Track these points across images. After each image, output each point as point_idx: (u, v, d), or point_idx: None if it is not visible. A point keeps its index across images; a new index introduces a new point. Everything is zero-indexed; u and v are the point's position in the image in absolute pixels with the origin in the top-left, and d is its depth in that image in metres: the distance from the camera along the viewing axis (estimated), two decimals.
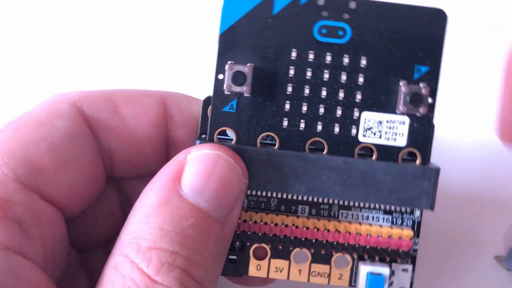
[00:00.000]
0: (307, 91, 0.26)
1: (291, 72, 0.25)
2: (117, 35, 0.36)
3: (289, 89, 0.25)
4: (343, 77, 0.25)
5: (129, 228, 0.22)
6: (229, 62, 0.25)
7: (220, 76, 0.25)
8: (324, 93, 0.26)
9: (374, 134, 0.26)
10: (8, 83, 0.36)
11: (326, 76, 0.25)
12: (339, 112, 0.26)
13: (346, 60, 0.25)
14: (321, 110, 0.26)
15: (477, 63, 0.36)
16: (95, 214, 0.27)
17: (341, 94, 0.26)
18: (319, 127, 0.26)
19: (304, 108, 0.26)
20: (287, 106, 0.26)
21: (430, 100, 0.25)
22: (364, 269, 0.26)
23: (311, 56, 0.25)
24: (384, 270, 0.26)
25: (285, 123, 0.26)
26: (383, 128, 0.26)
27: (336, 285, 0.28)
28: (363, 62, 0.25)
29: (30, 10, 0.37)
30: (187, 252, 0.21)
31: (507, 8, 0.36)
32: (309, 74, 0.25)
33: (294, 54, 0.25)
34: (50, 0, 0.36)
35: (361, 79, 0.25)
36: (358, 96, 0.26)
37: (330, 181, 0.25)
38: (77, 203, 0.25)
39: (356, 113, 0.26)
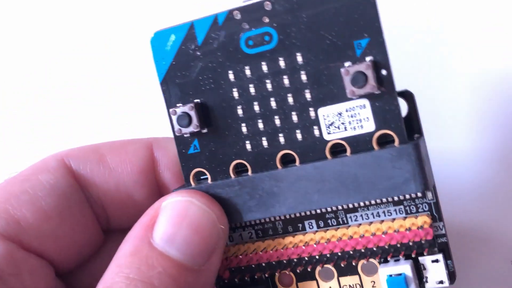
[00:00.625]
0: (256, 107, 0.24)
1: (235, 94, 0.24)
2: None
3: (240, 111, 0.25)
4: (286, 81, 0.24)
5: (103, 279, 0.23)
6: (176, 105, 0.25)
7: (173, 122, 0.25)
8: (273, 104, 0.24)
9: (338, 128, 0.23)
10: None
11: (269, 86, 0.24)
12: (294, 118, 0.24)
13: (282, 63, 0.24)
14: (277, 122, 0.24)
15: None
16: (97, 268, 0.28)
17: (290, 99, 0.24)
18: (282, 139, 0.24)
19: (261, 125, 0.24)
20: (244, 129, 0.25)
21: (384, 72, 0.22)
22: (383, 272, 0.24)
23: (248, 72, 0.24)
24: (404, 268, 0.23)
25: (248, 146, 0.25)
26: (345, 119, 0.23)
27: None
28: (299, 59, 0.23)
29: None
30: None
31: None
32: (252, 90, 0.24)
33: (231, 76, 0.24)
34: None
35: (303, 77, 0.23)
36: (308, 95, 0.24)
37: (308, 192, 0.24)
38: (69, 255, 0.26)
39: (312, 113, 0.24)
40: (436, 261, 0.24)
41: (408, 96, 0.24)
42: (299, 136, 0.24)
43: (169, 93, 0.25)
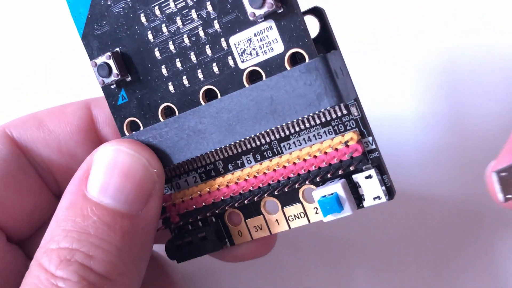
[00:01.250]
0: (172, 47, 0.24)
1: (150, 36, 0.24)
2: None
3: (157, 54, 0.24)
4: (194, 15, 0.24)
5: (45, 235, 0.23)
6: (96, 59, 0.25)
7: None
8: (187, 40, 0.24)
9: (251, 54, 0.23)
10: None
11: (179, 23, 0.24)
12: (208, 51, 0.24)
13: None
14: (193, 58, 0.24)
15: None
16: None
17: (201, 33, 0.24)
18: (200, 76, 0.24)
19: (179, 64, 0.24)
20: (164, 71, 0.25)
21: None
22: (316, 194, 0.23)
23: (158, 12, 0.24)
24: (335, 188, 0.23)
25: (171, 87, 0.25)
26: (255, 44, 0.23)
27: (317, 220, 0.25)
28: None
29: None
30: (87, 248, 0.22)
31: None
32: (165, 30, 0.24)
33: (143, 19, 0.24)
34: None
35: (210, 8, 0.23)
36: (216, 25, 0.23)
37: (230, 123, 0.23)
38: (19, 221, 0.27)
39: (223, 43, 0.23)
40: (369, 176, 0.23)
41: (318, 12, 0.23)
42: (215, 69, 0.24)
43: (90, 46, 0.25)
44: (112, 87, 0.25)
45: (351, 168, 0.23)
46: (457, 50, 0.30)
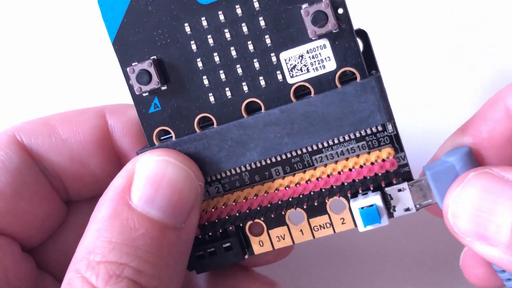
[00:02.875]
0: (217, 58, 0.24)
1: (193, 46, 0.24)
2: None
3: (200, 64, 0.24)
4: (244, 28, 0.24)
5: (82, 244, 0.22)
6: (132, 65, 0.24)
7: (130, 82, 0.24)
8: (234, 53, 0.24)
9: (301, 70, 0.24)
10: None
11: (227, 35, 0.24)
12: (256, 65, 0.24)
13: (239, 11, 0.24)
14: (239, 71, 0.24)
15: None
16: (64, 239, 0.27)
17: (251, 46, 0.24)
18: (245, 88, 0.24)
19: (223, 76, 0.24)
20: (206, 82, 0.24)
21: (340, 10, 0.23)
22: (355, 206, 0.25)
23: (204, 23, 0.24)
24: (374, 199, 0.24)
25: (211, 98, 0.25)
26: (307, 60, 0.24)
27: (344, 230, 0.26)
28: (256, 4, 0.24)
29: None
30: (136, 263, 0.21)
31: None
32: (211, 41, 0.24)
33: (188, 29, 0.24)
34: None
35: (262, 23, 0.24)
36: (268, 41, 0.24)
37: (277, 136, 0.24)
38: (32, 230, 0.26)
39: (273, 58, 0.24)
40: (402, 189, 0.25)
41: (362, 34, 0.24)
42: (262, 82, 0.24)
43: (123, 52, 0.24)
44: (144, 95, 0.25)
45: (388, 181, 0.24)
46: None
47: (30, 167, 0.25)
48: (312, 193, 0.25)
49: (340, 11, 0.23)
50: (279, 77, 0.24)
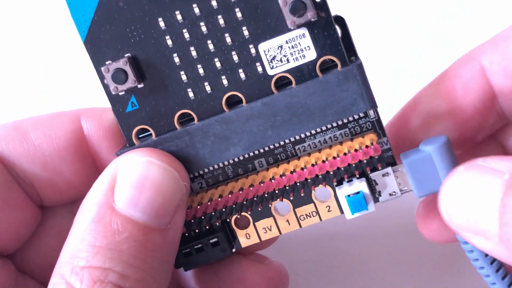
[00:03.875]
0: (194, 53, 0.24)
1: (169, 42, 0.23)
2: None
3: (176, 59, 0.24)
4: (221, 21, 0.23)
5: (66, 248, 0.22)
6: (106, 63, 0.23)
7: (105, 81, 0.24)
8: (211, 46, 0.23)
9: (281, 61, 0.23)
10: None
11: (204, 28, 0.23)
12: (235, 57, 0.23)
13: (214, 3, 0.23)
14: (218, 64, 0.24)
15: None
16: (41, 244, 0.26)
17: (228, 39, 0.23)
18: (225, 82, 0.24)
19: (201, 70, 0.24)
20: (184, 77, 0.24)
21: None
22: (341, 193, 0.25)
23: (179, 17, 0.23)
24: (360, 186, 0.24)
25: (191, 94, 0.24)
26: (286, 51, 0.23)
27: (330, 217, 0.26)
28: None
29: None
30: (121, 267, 0.21)
31: None
32: (187, 35, 0.23)
33: (162, 24, 0.23)
34: None
35: (239, 14, 0.23)
36: (246, 32, 0.23)
37: (261, 129, 0.23)
38: (7, 236, 0.25)
39: (252, 50, 0.23)
40: (386, 174, 0.25)
41: (339, 20, 0.24)
42: (242, 75, 0.24)
43: (95, 51, 0.23)
44: (120, 94, 0.24)
45: (372, 167, 0.24)
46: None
47: (1, 174, 0.24)
48: (298, 183, 0.25)
49: None
50: (259, 69, 0.23)
